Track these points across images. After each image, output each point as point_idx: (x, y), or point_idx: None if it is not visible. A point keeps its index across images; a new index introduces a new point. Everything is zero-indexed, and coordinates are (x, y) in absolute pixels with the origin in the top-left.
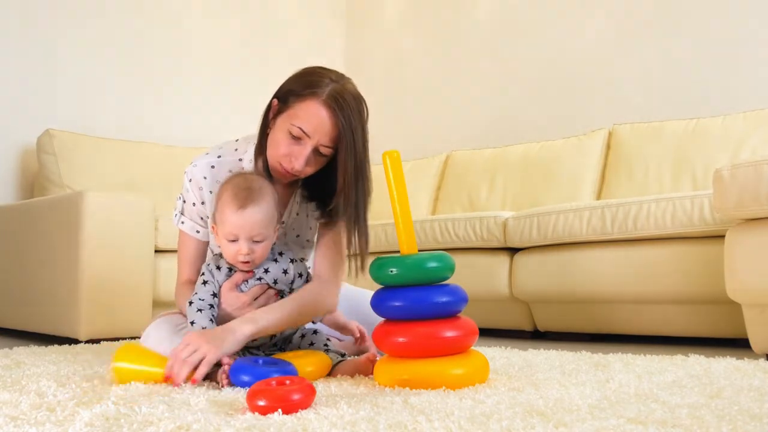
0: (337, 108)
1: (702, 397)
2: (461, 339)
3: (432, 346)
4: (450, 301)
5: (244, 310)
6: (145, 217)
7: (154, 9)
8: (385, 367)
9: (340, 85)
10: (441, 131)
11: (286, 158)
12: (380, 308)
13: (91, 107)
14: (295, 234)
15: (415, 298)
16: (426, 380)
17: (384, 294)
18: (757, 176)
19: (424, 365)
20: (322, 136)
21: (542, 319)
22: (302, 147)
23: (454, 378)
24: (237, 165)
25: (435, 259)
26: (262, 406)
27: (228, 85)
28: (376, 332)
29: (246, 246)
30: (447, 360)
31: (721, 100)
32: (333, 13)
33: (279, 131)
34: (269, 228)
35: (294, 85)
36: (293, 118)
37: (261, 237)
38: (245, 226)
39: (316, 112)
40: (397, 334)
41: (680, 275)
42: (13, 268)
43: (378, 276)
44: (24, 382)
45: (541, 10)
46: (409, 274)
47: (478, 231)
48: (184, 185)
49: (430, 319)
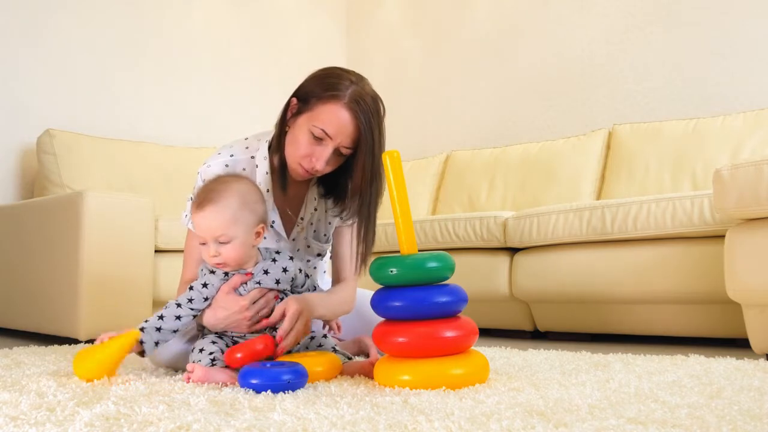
0: (359, 110)
1: (702, 397)
2: (461, 339)
3: (432, 346)
4: (450, 301)
5: (242, 314)
6: (145, 217)
7: (155, 9)
8: (385, 367)
9: (360, 87)
10: (441, 131)
11: (306, 159)
12: (380, 308)
13: (91, 107)
14: (313, 230)
15: (414, 298)
16: (426, 380)
17: (384, 294)
18: (757, 176)
19: (424, 365)
20: (345, 137)
21: (542, 319)
22: (324, 148)
23: (454, 378)
24: (250, 163)
25: (435, 259)
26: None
27: (228, 86)
28: (376, 332)
29: (213, 248)
30: (447, 360)
31: (721, 100)
32: (333, 13)
33: (300, 131)
34: (234, 228)
35: (314, 87)
36: (315, 119)
37: (225, 238)
38: (202, 227)
39: (338, 114)
40: (397, 334)
41: (680, 275)
42: (13, 268)
43: (378, 276)
44: (24, 382)
45: (541, 11)
46: (409, 274)
47: (478, 231)
48: (196, 185)
49: (430, 319)
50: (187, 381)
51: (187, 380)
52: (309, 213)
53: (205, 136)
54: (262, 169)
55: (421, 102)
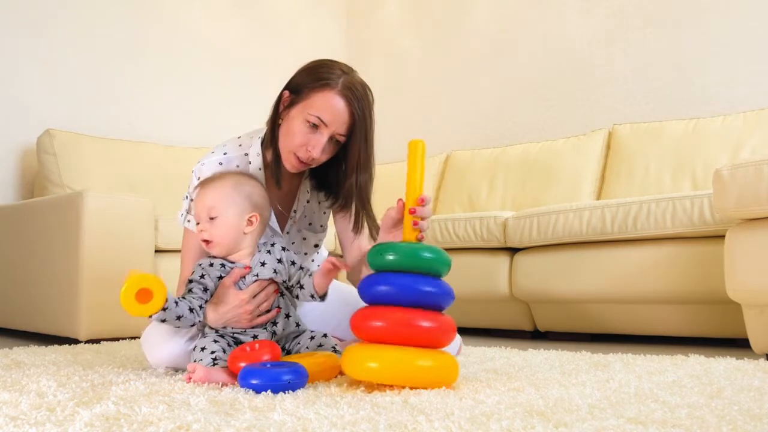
0: (353, 97)
1: (702, 397)
2: (436, 331)
3: (406, 334)
4: (433, 292)
5: (243, 307)
6: (145, 217)
7: (155, 10)
8: (352, 354)
9: (350, 76)
10: (441, 131)
11: (302, 148)
12: (363, 291)
13: (91, 107)
14: (308, 222)
15: (398, 284)
16: (392, 369)
17: (370, 278)
18: (757, 176)
19: (392, 352)
20: (340, 125)
21: (542, 319)
22: (320, 136)
23: (421, 370)
24: (244, 160)
25: (431, 251)
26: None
27: (228, 86)
28: (354, 316)
29: (202, 224)
30: (416, 351)
31: (721, 100)
32: (333, 12)
33: (294, 121)
34: (223, 206)
35: (306, 77)
36: (309, 107)
37: (215, 212)
38: (199, 203)
39: (332, 101)
40: (373, 318)
41: (680, 275)
42: (13, 268)
43: (374, 261)
44: (24, 382)
45: (541, 10)
46: (404, 261)
47: (478, 231)
48: (191, 184)
49: (411, 307)
50: (188, 381)
51: (188, 380)
52: (302, 206)
53: (205, 136)
54: (255, 164)
55: (421, 102)
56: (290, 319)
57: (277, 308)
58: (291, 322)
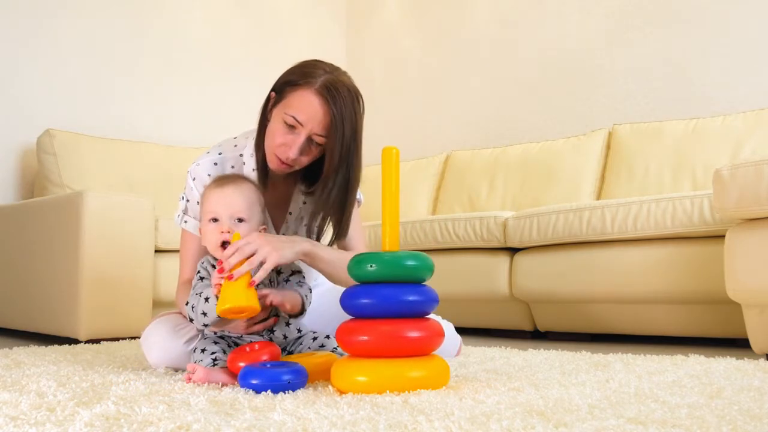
0: (330, 97)
1: (702, 397)
2: (425, 340)
3: (393, 346)
4: (417, 300)
5: None
6: (145, 217)
7: (155, 9)
8: (341, 368)
9: (333, 76)
10: (441, 131)
11: (281, 148)
12: (346, 304)
13: (91, 107)
14: (304, 223)
15: (380, 296)
16: (382, 383)
17: (351, 290)
18: (757, 176)
19: (381, 366)
20: (315, 124)
21: (542, 319)
22: (296, 136)
23: (411, 381)
24: (239, 160)
25: (414, 258)
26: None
27: (228, 86)
28: (339, 330)
29: (227, 223)
30: (406, 362)
31: (721, 100)
32: (333, 13)
33: (275, 121)
34: (250, 212)
35: (289, 77)
36: (287, 107)
37: (244, 215)
38: (221, 203)
39: (308, 100)
40: (358, 333)
41: (680, 275)
42: (13, 268)
43: (356, 272)
44: (24, 382)
45: (540, 10)
46: (386, 272)
47: (478, 231)
48: (187, 184)
49: (396, 317)
50: (187, 381)
51: (187, 381)
52: (298, 207)
53: (205, 136)
54: (249, 166)
55: (420, 102)
56: (291, 326)
57: (275, 317)
58: (292, 329)
